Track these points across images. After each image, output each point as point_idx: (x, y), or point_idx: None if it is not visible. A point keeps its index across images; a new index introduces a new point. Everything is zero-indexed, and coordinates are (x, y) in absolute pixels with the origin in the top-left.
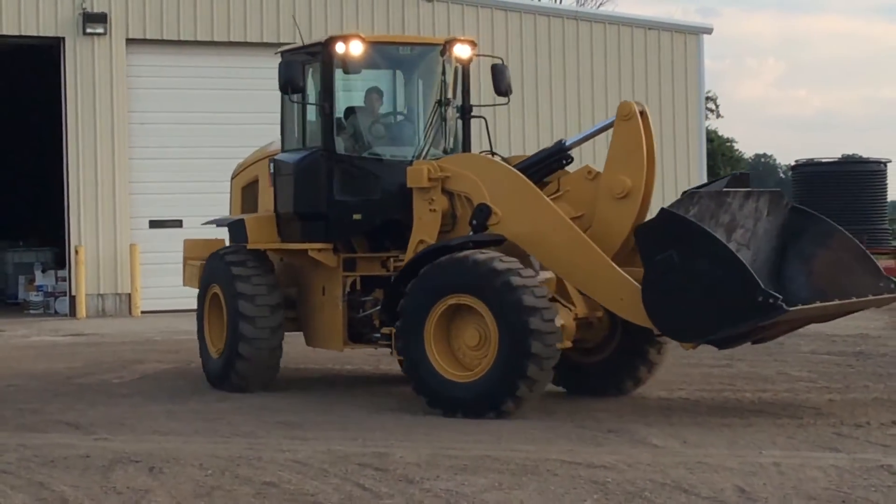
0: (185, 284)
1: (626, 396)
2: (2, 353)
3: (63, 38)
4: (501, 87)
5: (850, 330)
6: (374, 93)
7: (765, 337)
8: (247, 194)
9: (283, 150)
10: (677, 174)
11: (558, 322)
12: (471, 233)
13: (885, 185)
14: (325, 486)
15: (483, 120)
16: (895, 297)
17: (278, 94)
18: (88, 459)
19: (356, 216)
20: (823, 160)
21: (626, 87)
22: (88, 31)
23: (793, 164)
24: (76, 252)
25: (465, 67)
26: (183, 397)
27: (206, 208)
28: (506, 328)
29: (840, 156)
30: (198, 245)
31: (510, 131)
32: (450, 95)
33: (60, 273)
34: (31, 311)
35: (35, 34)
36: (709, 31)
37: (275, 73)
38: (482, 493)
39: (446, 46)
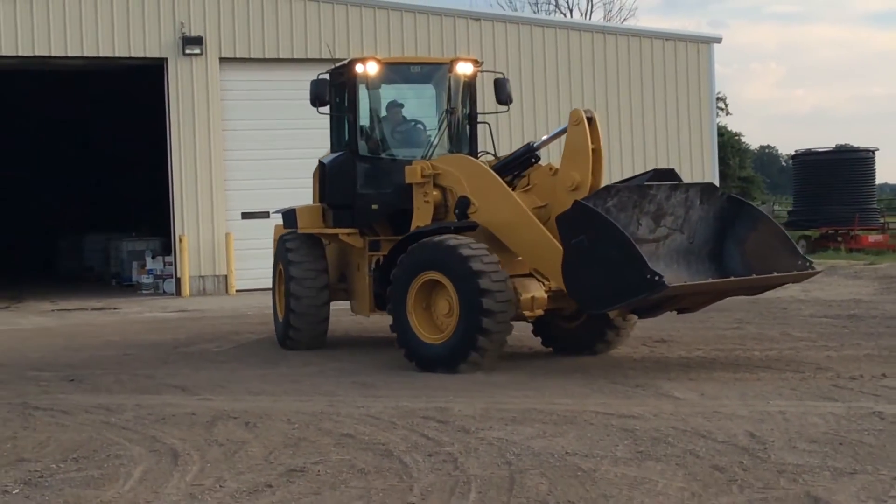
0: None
1: (651, 356)
2: (119, 326)
3: (166, 59)
4: (502, 97)
5: (844, 296)
6: (395, 106)
7: (688, 307)
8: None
9: (330, 152)
10: (692, 164)
11: (530, 293)
12: (455, 220)
13: (874, 170)
14: (394, 437)
15: (487, 125)
16: (812, 273)
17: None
18: (194, 416)
19: (374, 206)
20: (819, 150)
21: (647, 91)
22: (187, 52)
23: (793, 153)
24: (180, 240)
25: (471, 81)
26: (272, 363)
27: (288, 201)
28: (463, 292)
29: (834, 146)
30: (282, 230)
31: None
32: (455, 105)
33: (167, 258)
34: (143, 292)
35: (142, 56)
36: (718, 40)
37: None
38: (529, 441)
39: (451, 64)
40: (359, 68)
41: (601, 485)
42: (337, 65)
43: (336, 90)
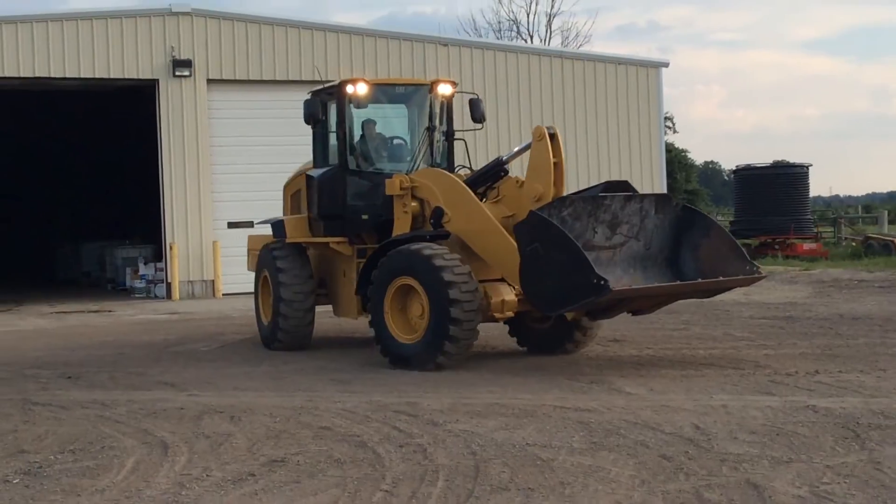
0: (248, 269)
1: (605, 355)
2: (113, 328)
3: (157, 80)
4: (476, 115)
5: (781, 299)
6: (369, 122)
7: (641, 309)
8: (294, 200)
9: (313, 167)
10: (642, 178)
11: (501, 297)
12: (430, 229)
13: (808, 184)
14: (368, 429)
15: (463, 142)
16: (758, 278)
17: None
18: (182, 411)
19: (364, 216)
20: (758, 165)
21: (601, 111)
22: (177, 73)
23: (734, 168)
24: (170, 248)
25: (448, 101)
26: (256, 361)
27: (270, 212)
28: (433, 299)
29: (771, 162)
30: (260, 239)
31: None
32: (436, 123)
33: (158, 265)
34: (136, 295)
35: (135, 77)
36: (666, 65)
37: None
38: (492, 433)
39: (432, 86)
40: (349, 89)
41: (559, 473)
42: (326, 85)
43: (325, 109)
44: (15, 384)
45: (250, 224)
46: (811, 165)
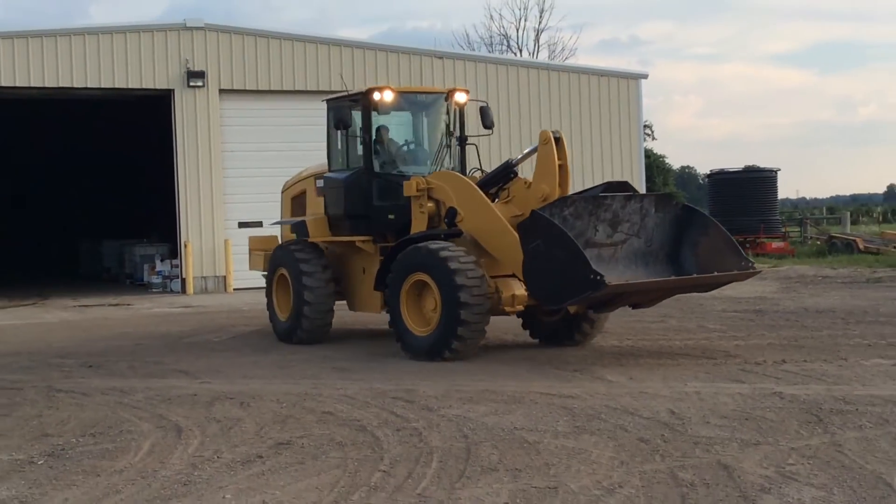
0: (250, 269)
1: (588, 346)
2: (132, 320)
3: (173, 90)
4: (486, 122)
5: (751, 294)
6: (392, 127)
7: (641, 303)
8: (295, 203)
9: (329, 171)
10: (614, 183)
11: (511, 291)
12: (444, 228)
13: (776, 187)
14: (368, 414)
15: (475, 146)
16: (753, 273)
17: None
18: (195, 397)
19: (391, 216)
20: (731, 170)
21: (584, 119)
22: (191, 84)
23: (708, 173)
24: (185, 246)
25: (462, 109)
26: (264, 351)
27: (278, 213)
28: (445, 294)
29: (743, 167)
30: (260, 240)
31: (500, 155)
32: (452, 129)
33: (174, 261)
34: (153, 290)
35: (152, 87)
36: (645, 76)
37: (324, 113)
38: (483, 417)
39: (449, 94)
40: (375, 96)
41: (544, 455)
42: (352, 92)
43: (352, 115)
44: (40, 372)
45: (259, 224)
46: (779, 170)
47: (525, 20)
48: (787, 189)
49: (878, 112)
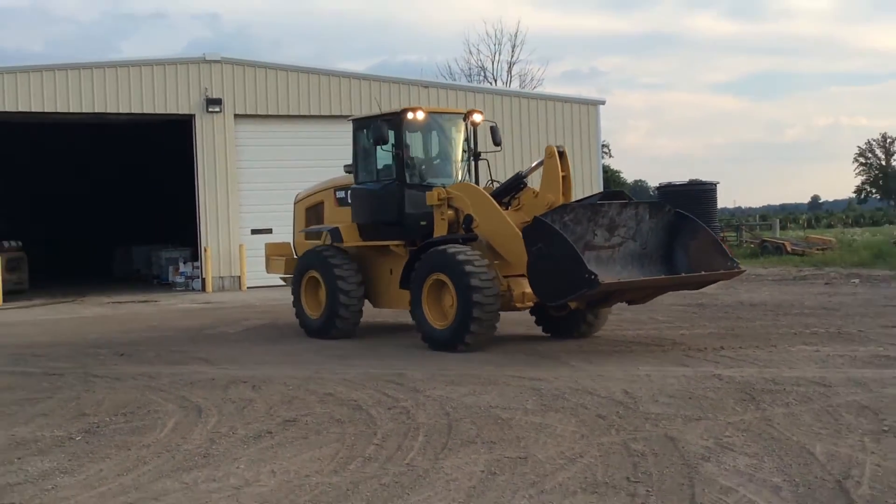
0: (268, 272)
1: (557, 339)
2: (158, 315)
3: (194, 115)
4: (496, 140)
5: (694, 290)
6: (430, 144)
7: (635, 300)
8: (310, 213)
9: (357, 183)
10: (584, 193)
11: (522, 289)
12: (462, 233)
13: (716, 198)
14: (363, 395)
15: (486, 161)
16: (739, 272)
17: (332, 147)
18: (214, 381)
19: (423, 222)
20: (677, 183)
21: (551, 139)
22: (210, 110)
23: (658, 185)
24: (205, 250)
25: (476, 128)
26: (273, 341)
27: (285, 222)
28: (459, 291)
29: (687, 180)
30: (276, 246)
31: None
32: (470, 145)
33: (195, 264)
34: (177, 289)
35: (175, 112)
36: (603, 102)
37: (328, 135)
38: (462, 397)
39: (467, 114)
40: (409, 115)
41: (515, 429)
42: (387, 112)
43: (387, 132)
44: (78, 360)
45: (269, 231)
46: (718, 183)
47: (499, 54)
48: (725, 199)
49: (802, 133)
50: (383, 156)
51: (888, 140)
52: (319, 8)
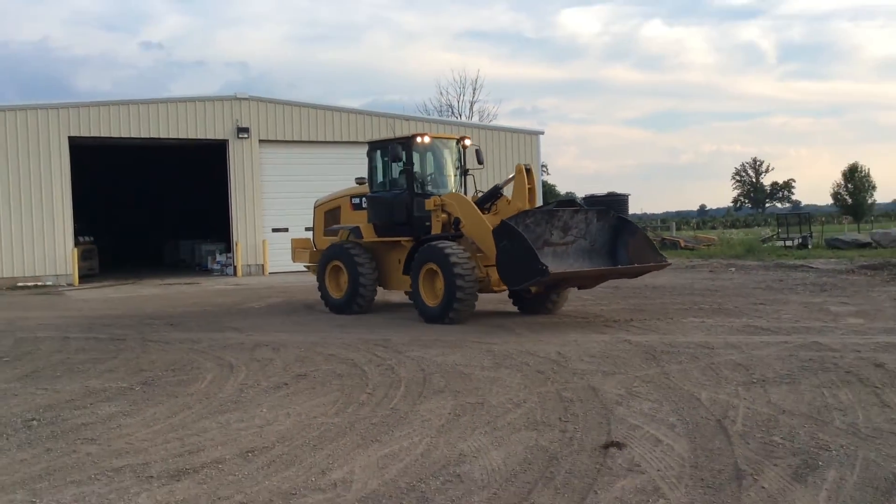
0: (294, 261)
1: (505, 311)
2: (200, 294)
3: (227, 140)
4: (479, 160)
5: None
6: (433, 162)
7: (585, 285)
8: (329, 216)
9: (372, 192)
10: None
11: (496, 276)
12: (452, 232)
13: (628, 206)
14: (357, 354)
15: (472, 177)
16: (665, 265)
17: (335, 166)
18: (243, 345)
19: (427, 223)
20: (599, 194)
21: (503, 161)
22: (240, 136)
23: (584, 196)
24: (236, 244)
25: (465, 149)
26: (288, 314)
27: (298, 223)
28: (446, 277)
29: (606, 192)
30: (300, 241)
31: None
32: (460, 164)
33: (228, 254)
34: (214, 274)
35: (213, 138)
36: (542, 133)
37: (332, 157)
38: (435, 357)
39: (460, 139)
40: (418, 139)
41: (475, 381)
42: (400, 137)
43: (400, 152)
44: (137, 329)
45: (286, 230)
46: (630, 194)
47: (463, 95)
48: (634, 207)
49: (693, 157)
50: (394, 170)
51: (757, 162)
52: (325, 59)
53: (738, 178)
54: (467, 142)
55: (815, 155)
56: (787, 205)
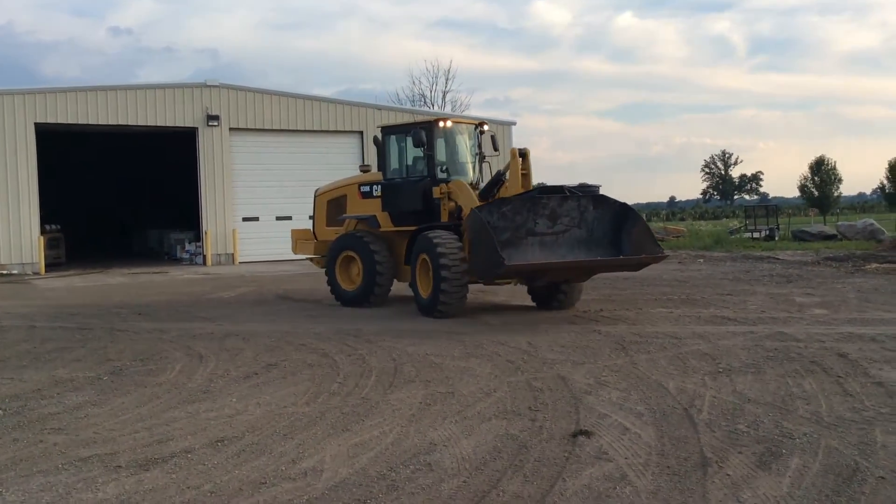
0: (295, 253)
1: (475, 301)
2: (169, 283)
3: (197, 128)
4: (495, 146)
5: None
6: (452, 147)
7: (568, 279)
8: (332, 205)
9: (385, 178)
10: None
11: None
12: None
13: None
14: (329, 345)
15: (489, 163)
16: (662, 257)
17: (305, 155)
18: (212, 334)
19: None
20: (570, 186)
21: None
22: (210, 124)
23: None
24: (206, 233)
25: (482, 135)
26: (258, 304)
27: (268, 212)
28: (434, 268)
29: (578, 183)
30: (301, 232)
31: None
32: (482, 149)
33: (198, 243)
34: (183, 263)
35: (183, 125)
36: (515, 123)
37: (302, 146)
38: (406, 347)
39: (479, 124)
40: (440, 123)
41: (445, 371)
42: (419, 121)
43: (423, 136)
44: (105, 318)
45: (256, 219)
46: (601, 185)
47: (436, 85)
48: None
49: (664, 150)
50: (410, 156)
51: (726, 155)
52: (297, 46)
53: (707, 170)
54: (485, 127)
55: (782, 148)
56: (755, 197)
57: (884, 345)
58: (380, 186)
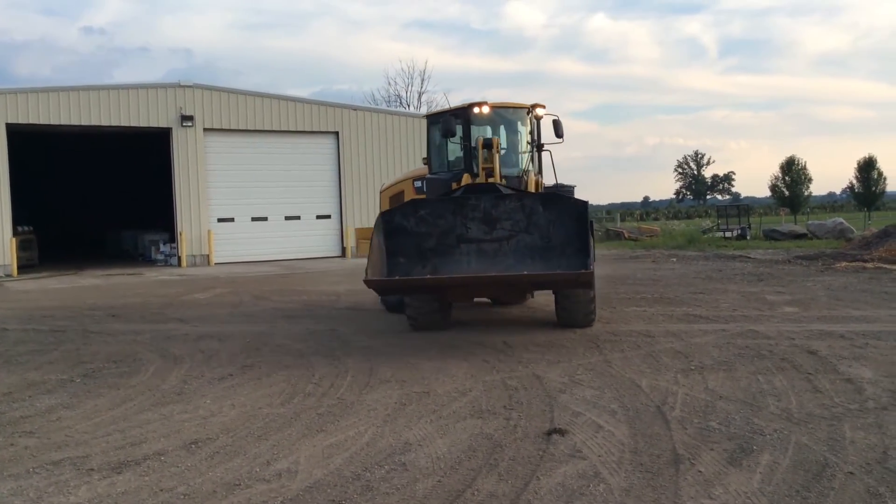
0: (359, 254)
1: (456, 307)
2: (143, 285)
3: (171, 128)
4: (559, 132)
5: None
6: (494, 136)
7: (498, 296)
8: (393, 200)
9: (430, 173)
10: None
11: None
12: None
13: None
14: (305, 346)
15: (549, 152)
16: (585, 277)
17: (280, 155)
18: (187, 336)
19: None
20: (547, 185)
21: None
22: (184, 124)
23: None
24: (180, 234)
25: (539, 120)
26: (235, 306)
27: (244, 213)
28: None
29: (553, 184)
30: (364, 231)
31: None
32: (534, 138)
33: (172, 244)
34: (158, 264)
35: (156, 125)
36: None
37: (278, 146)
38: (382, 347)
39: (531, 108)
40: (475, 110)
41: (422, 371)
42: (452, 108)
43: (455, 126)
44: (78, 320)
45: (232, 220)
46: (576, 186)
47: (411, 86)
48: (580, 198)
49: (637, 150)
50: (453, 148)
51: (699, 155)
52: (272, 46)
53: (680, 170)
54: (540, 111)
55: (754, 148)
56: (727, 197)
57: (853, 342)
58: (423, 183)
